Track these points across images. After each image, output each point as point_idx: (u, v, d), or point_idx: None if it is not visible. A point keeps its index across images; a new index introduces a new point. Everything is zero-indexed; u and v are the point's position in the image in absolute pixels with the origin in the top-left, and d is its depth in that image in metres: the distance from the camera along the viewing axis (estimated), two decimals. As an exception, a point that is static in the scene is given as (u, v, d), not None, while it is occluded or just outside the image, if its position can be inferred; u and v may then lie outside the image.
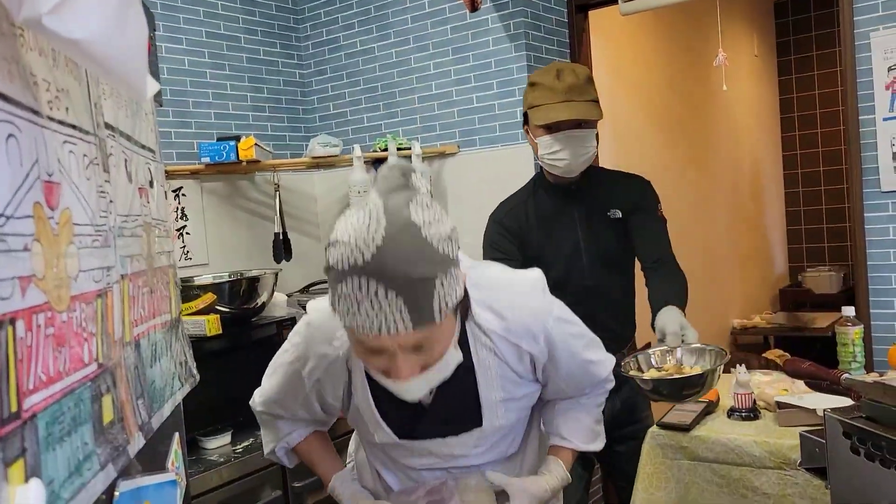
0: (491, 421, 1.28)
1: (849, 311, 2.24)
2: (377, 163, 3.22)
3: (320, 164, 3.16)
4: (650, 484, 2.08)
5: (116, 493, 0.65)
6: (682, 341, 1.83)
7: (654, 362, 1.84)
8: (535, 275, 1.31)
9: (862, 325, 2.20)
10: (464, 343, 1.21)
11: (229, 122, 3.15)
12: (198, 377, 1.24)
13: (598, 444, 1.48)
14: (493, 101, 2.99)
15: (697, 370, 1.74)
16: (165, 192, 1.05)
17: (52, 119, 0.55)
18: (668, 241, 2.18)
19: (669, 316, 1.87)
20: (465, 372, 1.21)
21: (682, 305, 1.97)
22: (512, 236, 2.16)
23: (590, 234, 2.15)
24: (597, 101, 2.08)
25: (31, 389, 0.47)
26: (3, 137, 0.46)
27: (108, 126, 0.71)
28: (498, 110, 2.97)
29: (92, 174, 0.64)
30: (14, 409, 0.44)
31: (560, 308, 1.32)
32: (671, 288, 2.03)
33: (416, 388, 1.08)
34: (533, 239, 2.16)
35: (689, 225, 4.50)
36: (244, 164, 2.79)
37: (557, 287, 1.47)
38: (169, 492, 0.84)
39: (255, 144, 2.79)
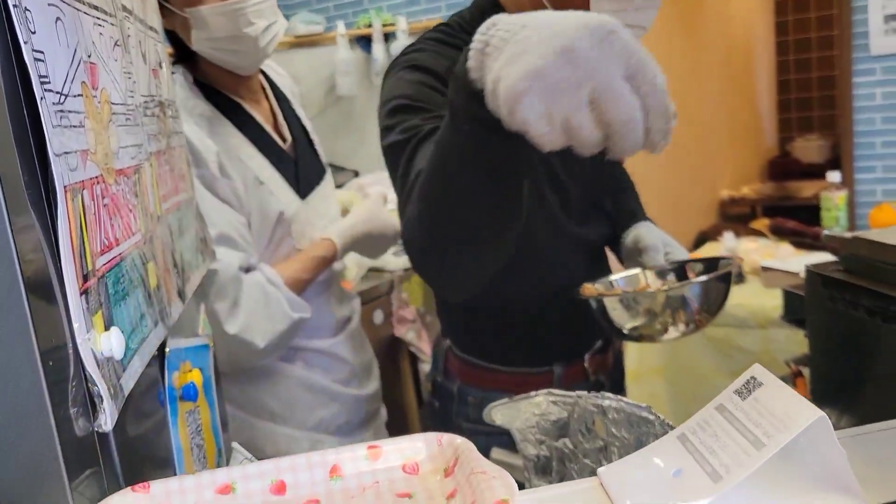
0: None
1: (834, 175, 2.30)
2: (361, 40, 3.17)
3: (302, 42, 3.11)
4: (641, 347, 2.19)
5: (167, 350, 0.72)
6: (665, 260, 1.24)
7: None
8: None
9: (846, 190, 2.26)
10: None
11: (214, 3, 3.07)
12: (216, 254, 1.29)
13: None
14: (482, -27, 2.91)
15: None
16: (170, 74, 1.07)
17: (83, 2, 0.58)
18: None
19: (648, 229, 1.30)
20: None
21: None
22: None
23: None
24: None
25: (99, 251, 0.52)
26: (53, 20, 0.49)
27: (124, 8, 0.73)
28: (488, -18, 2.90)
29: (118, 55, 0.67)
30: (90, 267, 0.50)
31: None
32: (639, 205, 1.42)
33: None
34: None
35: (678, 95, 4.46)
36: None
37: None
38: (203, 354, 0.91)
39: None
